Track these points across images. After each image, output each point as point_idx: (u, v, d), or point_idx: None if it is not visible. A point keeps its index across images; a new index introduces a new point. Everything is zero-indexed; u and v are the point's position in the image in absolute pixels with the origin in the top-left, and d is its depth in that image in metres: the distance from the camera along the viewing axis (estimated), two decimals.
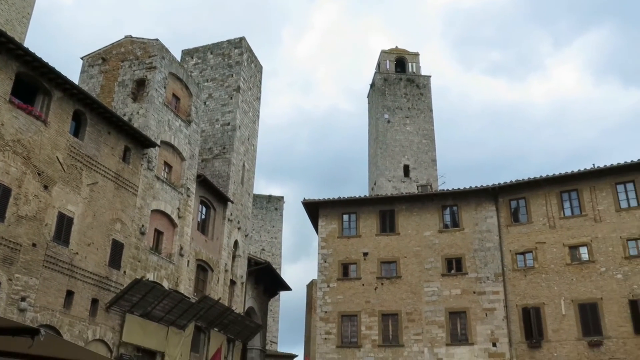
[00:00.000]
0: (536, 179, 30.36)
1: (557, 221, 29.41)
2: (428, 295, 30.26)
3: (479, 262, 30.13)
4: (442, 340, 29.26)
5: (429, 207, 32.20)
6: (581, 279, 27.89)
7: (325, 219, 33.56)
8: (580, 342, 26.88)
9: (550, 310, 27.97)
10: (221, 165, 35.29)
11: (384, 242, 32.04)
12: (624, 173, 28.75)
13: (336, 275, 31.97)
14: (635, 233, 27.53)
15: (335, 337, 30.73)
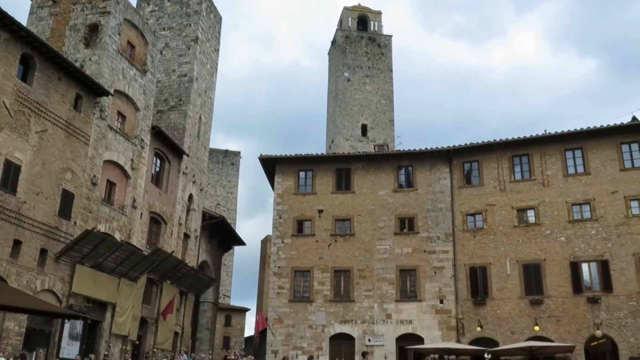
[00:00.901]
0: (489, 143, 31.01)
1: (507, 184, 30.25)
2: (380, 253, 30.90)
3: (431, 222, 30.83)
4: (391, 296, 30.07)
5: (385, 167, 32.55)
6: (527, 241, 28.96)
7: (282, 175, 33.55)
8: (522, 300, 28.10)
9: (496, 270, 29.04)
10: (177, 117, 34.63)
11: (339, 200, 32.35)
12: (572, 140, 29.64)
13: (291, 231, 32.21)
14: (579, 198, 28.63)
15: (287, 292, 31.17)
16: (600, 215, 27.99)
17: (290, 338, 30.26)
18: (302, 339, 30.15)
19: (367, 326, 29.80)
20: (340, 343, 29.87)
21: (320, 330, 30.15)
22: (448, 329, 28.98)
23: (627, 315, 26.24)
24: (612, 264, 27.13)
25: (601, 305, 26.73)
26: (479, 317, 28.58)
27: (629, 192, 27.84)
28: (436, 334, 28.93)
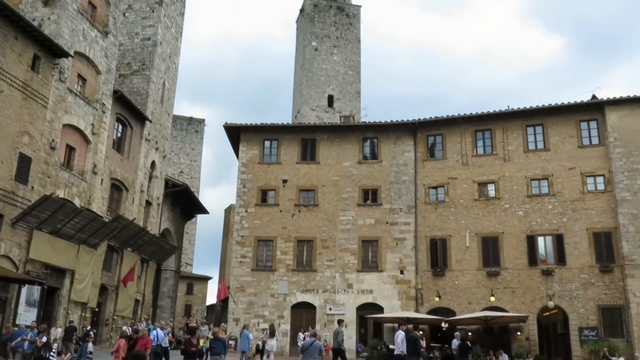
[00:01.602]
0: (453, 117, 31.34)
1: (469, 158, 30.72)
2: (343, 224, 31.16)
3: (394, 194, 31.18)
4: (353, 266, 30.48)
5: (350, 138, 32.62)
6: (486, 214, 29.61)
7: (247, 144, 33.29)
8: (480, 272, 28.86)
9: (456, 242, 29.67)
10: (140, 82, 33.83)
11: (304, 170, 32.35)
12: (534, 116, 30.21)
13: (255, 200, 32.14)
14: (538, 174, 29.32)
15: (250, 261, 31.26)
16: (558, 191, 28.76)
17: (252, 306, 30.46)
18: (264, 308, 30.40)
19: (328, 295, 30.19)
20: (301, 312, 30.23)
21: (282, 299, 30.43)
22: (407, 298, 29.60)
23: (579, 287, 27.24)
24: (567, 238, 28.03)
25: (554, 278, 27.67)
26: (437, 287, 29.26)
27: (585, 169, 28.64)
28: (396, 304, 29.53)
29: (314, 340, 11.45)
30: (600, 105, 29.13)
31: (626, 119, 28.46)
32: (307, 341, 11.43)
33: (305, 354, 11.23)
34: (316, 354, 11.25)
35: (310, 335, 11.80)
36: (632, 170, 27.64)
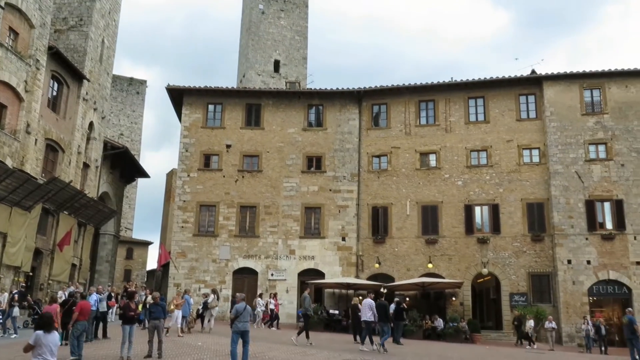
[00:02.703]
0: (398, 87, 31.64)
1: (412, 128, 31.20)
2: (287, 191, 31.19)
3: (338, 162, 31.37)
4: (296, 233, 30.67)
5: (296, 104, 32.43)
6: (427, 184, 30.29)
7: (190, 107, 32.57)
8: (419, 240, 29.63)
9: (397, 210, 30.28)
10: (77, 38, 32.31)
11: (248, 135, 32.03)
12: (476, 89, 30.87)
13: (197, 165, 31.66)
14: (478, 145, 30.13)
15: (192, 226, 30.93)
16: (495, 162, 29.69)
17: (194, 272, 30.28)
18: (205, 273, 30.28)
19: (270, 261, 30.35)
20: (243, 277, 30.31)
21: (224, 265, 30.37)
22: (348, 265, 30.13)
23: (511, 255, 28.44)
24: (502, 207, 29.09)
25: (489, 246, 28.76)
26: (378, 254, 29.89)
27: (522, 141, 29.64)
28: (337, 270, 30.02)
29: (246, 305, 11.71)
30: (539, 80, 30.06)
31: (562, 94, 29.51)
32: (240, 305, 11.65)
33: (240, 318, 11.46)
34: (247, 317, 11.57)
35: (241, 300, 12.06)
36: (565, 144, 28.79)
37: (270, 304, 25.76)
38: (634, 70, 29.14)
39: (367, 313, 17.06)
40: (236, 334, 11.43)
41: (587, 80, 29.53)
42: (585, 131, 28.84)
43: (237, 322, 11.52)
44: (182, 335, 17.43)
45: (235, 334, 11.43)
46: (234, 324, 11.53)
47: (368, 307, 17.14)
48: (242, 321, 11.52)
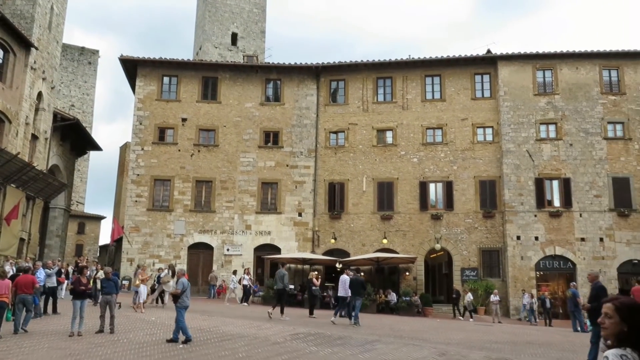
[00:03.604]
0: (356, 63, 31.62)
1: (370, 105, 31.32)
2: (243, 165, 30.97)
3: (295, 137, 31.28)
4: (252, 208, 30.57)
5: (253, 79, 32.05)
6: (383, 160, 30.57)
7: (144, 79, 31.78)
8: (374, 215, 29.99)
9: (353, 186, 30.51)
10: (24, 4, 30.89)
11: (205, 109, 31.54)
12: (433, 67, 31.15)
13: (152, 138, 31.03)
14: (433, 123, 30.53)
15: (146, 201, 30.43)
16: (450, 140, 30.17)
17: (148, 246, 29.89)
18: (159, 248, 29.93)
19: (226, 236, 30.21)
20: (198, 252, 30.11)
21: (179, 240, 30.08)
22: (304, 240, 30.29)
23: (463, 231, 29.14)
24: (456, 185, 29.68)
25: (442, 222, 29.36)
26: (334, 229, 30.13)
27: (476, 120, 30.18)
28: (293, 245, 30.14)
29: (186, 280, 11.82)
30: (494, 60, 30.54)
31: (516, 74, 30.09)
32: (185, 281, 11.69)
33: (186, 293, 11.53)
34: (189, 293, 11.70)
35: (182, 275, 12.15)
36: (517, 124, 29.47)
37: (244, 279, 25.78)
38: (584, 53, 29.93)
39: (342, 289, 17.73)
40: (184, 309, 11.41)
41: (540, 61, 30.18)
42: (537, 111, 29.57)
43: (185, 297, 11.54)
44: (143, 312, 17.23)
45: (184, 309, 11.41)
46: (180, 298, 11.49)
47: (343, 283, 17.82)
48: (187, 296, 11.62)
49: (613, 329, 2.74)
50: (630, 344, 2.65)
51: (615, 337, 2.72)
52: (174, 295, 11.80)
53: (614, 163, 28.64)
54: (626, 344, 2.66)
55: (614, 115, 29.20)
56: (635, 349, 2.63)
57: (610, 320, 2.75)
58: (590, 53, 29.92)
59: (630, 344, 2.65)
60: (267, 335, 12.56)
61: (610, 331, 2.75)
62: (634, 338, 2.67)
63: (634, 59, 29.85)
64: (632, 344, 2.65)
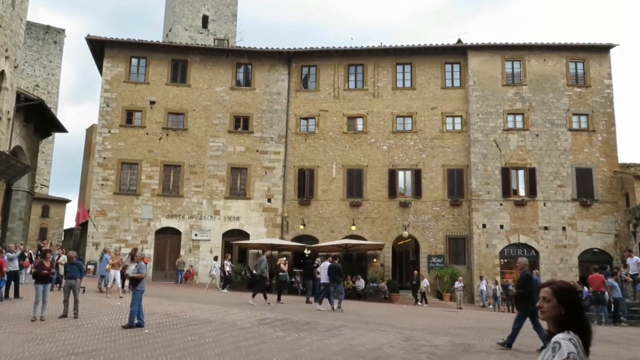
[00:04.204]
0: (328, 49, 31.53)
1: (341, 92, 31.32)
2: (213, 150, 30.71)
3: (265, 123, 31.12)
4: (221, 193, 30.38)
5: (224, 62, 31.70)
6: (353, 147, 30.67)
7: (112, 60, 31.14)
8: (343, 202, 30.12)
9: (323, 173, 30.56)
10: None
11: (174, 92, 31.10)
12: (404, 55, 31.27)
13: (119, 121, 30.50)
14: (404, 111, 30.72)
15: (113, 184, 29.97)
16: (420, 128, 30.42)
17: (114, 231, 29.49)
18: (126, 232, 29.56)
19: (194, 221, 29.99)
20: (166, 237, 29.85)
21: (146, 224, 29.74)
22: (273, 226, 30.27)
23: (431, 219, 29.50)
24: (424, 173, 29.98)
25: (410, 209, 29.67)
26: (303, 216, 30.18)
27: (446, 109, 30.47)
28: (262, 231, 30.10)
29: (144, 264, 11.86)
30: (464, 49, 30.82)
31: (485, 64, 30.44)
32: (144, 265, 11.70)
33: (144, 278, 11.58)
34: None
35: (140, 259, 12.12)
36: (486, 113, 29.86)
37: (226, 265, 25.64)
38: (552, 45, 30.42)
39: (324, 276, 18.12)
40: (141, 293, 11.33)
41: (509, 52, 30.57)
42: (505, 101, 30.00)
43: (143, 281, 11.50)
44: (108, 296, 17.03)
45: (141, 292, 11.32)
46: (140, 282, 11.39)
47: (323, 270, 18.27)
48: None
49: (551, 313, 2.81)
50: (570, 327, 2.72)
51: (554, 320, 2.78)
52: (134, 279, 11.66)
53: (577, 154, 29.31)
54: (566, 327, 2.72)
55: (579, 107, 29.82)
56: (576, 332, 2.70)
57: (549, 304, 2.81)
58: (557, 45, 30.42)
59: (569, 326, 2.72)
60: (234, 321, 12.56)
61: (549, 314, 2.82)
62: (572, 321, 2.74)
63: (599, 53, 30.48)
64: (571, 327, 2.71)
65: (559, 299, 2.79)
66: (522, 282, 10.92)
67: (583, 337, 2.70)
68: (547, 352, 2.68)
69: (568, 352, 2.59)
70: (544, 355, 2.71)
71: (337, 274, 17.91)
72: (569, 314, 2.76)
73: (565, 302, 2.78)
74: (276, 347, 9.60)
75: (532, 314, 10.17)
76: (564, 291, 2.81)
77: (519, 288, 11.02)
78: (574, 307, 2.77)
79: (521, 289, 10.75)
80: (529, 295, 10.40)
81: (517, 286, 11.29)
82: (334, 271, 17.78)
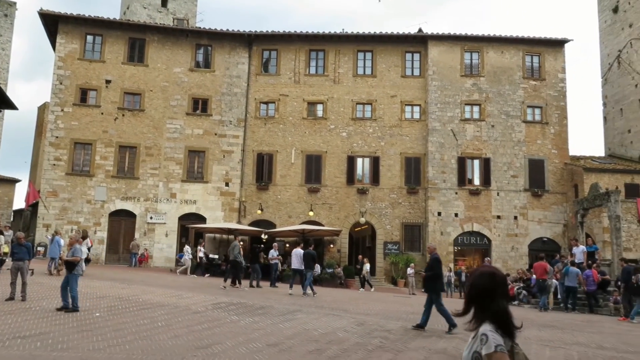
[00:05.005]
0: (290, 34, 31.30)
1: (302, 77, 31.19)
2: (170, 132, 30.19)
3: (225, 106, 30.76)
4: (178, 176, 29.95)
5: (183, 43, 31.09)
6: (313, 133, 30.65)
7: (66, 36, 30.14)
8: (302, 188, 30.14)
9: (282, 158, 30.46)
10: None
11: (130, 72, 30.36)
12: (366, 42, 31.33)
13: (73, 99, 29.62)
14: (364, 98, 30.84)
15: (65, 164, 29.15)
16: (379, 116, 30.62)
17: (66, 212, 28.74)
18: (78, 214, 28.85)
19: (150, 204, 29.51)
20: (120, 220, 29.29)
21: (100, 206, 29.10)
22: (231, 210, 30.07)
23: (388, 206, 29.84)
24: (382, 160, 30.24)
25: (368, 196, 29.92)
26: (261, 200, 30.07)
27: (405, 97, 30.75)
28: (219, 215, 29.87)
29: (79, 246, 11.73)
30: (425, 39, 31.08)
31: (445, 54, 30.79)
32: (79, 247, 11.58)
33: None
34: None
35: (74, 242, 11.98)
36: (444, 103, 30.28)
37: (200, 251, 25.29)
38: (510, 38, 31.00)
39: (296, 262, 18.67)
40: (78, 277, 11.15)
41: (468, 43, 31.01)
42: (463, 92, 30.46)
43: (79, 265, 11.33)
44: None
45: (78, 276, 11.14)
46: (76, 266, 11.15)
47: (296, 256, 18.77)
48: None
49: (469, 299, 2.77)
50: (488, 312, 2.66)
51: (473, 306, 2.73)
52: (69, 263, 11.33)
53: (530, 145, 30.06)
54: (485, 312, 2.66)
55: (533, 99, 30.54)
56: (495, 318, 2.64)
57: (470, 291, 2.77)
58: (515, 38, 31.01)
59: (488, 311, 2.66)
60: (187, 305, 12.46)
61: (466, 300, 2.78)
62: (489, 306, 2.67)
63: (555, 47, 31.23)
64: (490, 312, 2.65)
65: (473, 287, 2.74)
66: (431, 265, 11.52)
67: (502, 322, 2.63)
68: (475, 342, 2.64)
69: (495, 344, 2.55)
70: (471, 345, 2.66)
71: (312, 261, 18.51)
72: (481, 298, 2.70)
73: (480, 288, 2.72)
74: (230, 331, 9.59)
75: (437, 295, 10.91)
76: (477, 278, 2.76)
77: (428, 270, 11.53)
78: (488, 294, 2.68)
79: (430, 272, 11.32)
80: (438, 278, 11.27)
81: (427, 269, 11.81)
82: (308, 258, 18.33)
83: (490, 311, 2.66)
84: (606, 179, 28.51)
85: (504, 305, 2.68)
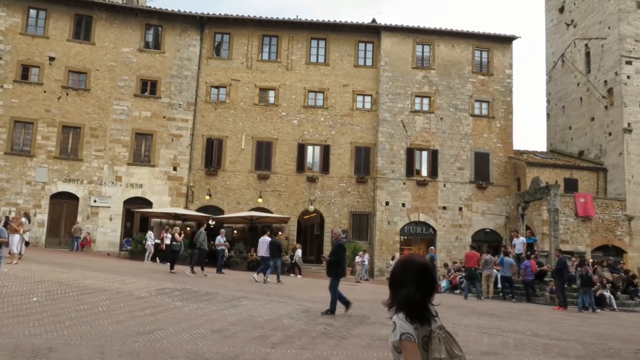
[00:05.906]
0: (243, 18, 30.90)
1: (254, 62, 30.88)
2: (117, 114, 29.39)
3: (174, 89, 30.15)
4: (124, 159, 29.23)
5: (132, 22, 30.23)
6: (264, 120, 30.45)
7: (7, 9, 28.81)
8: (251, 174, 29.95)
9: (232, 144, 30.16)
10: None
11: (76, 49, 29.33)
12: (320, 30, 31.26)
13: (13, 76, 28.40)
14: (316, 86, 30.83)
15: (4, 143, 28.00)
16: (331, 105, 30.69)
17: (4, 193, 27.65)
18: (17, 195, 27.80)
19: (94, 187, 28.72)
20: (62, 202, 28.39)
21: (41, 188, 28.12)
22: (178, 195, 29.60)
23: (337, 194, 30.04)
24: (333, 149, 30.37)
25: (318, 184, 30.03)
26: (209, 186, 29.73)
27: (357, 87, 30.91)
28: (166, 199, 29.37)
29: None
30: (378, 29, 31.28)
31: (397, 46, 31.09)
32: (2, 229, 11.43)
33: None
34: None
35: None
36: (395, 94, 30.61)
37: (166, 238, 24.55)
38: (460, 32, 31.55)
39: (262, 250, 19.36)
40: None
41: (420, 35, 31.38)
42: (414, 84, 30.86)
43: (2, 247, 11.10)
44: (16, 262, 15.90)
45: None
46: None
47: (263, 245, 19.43)
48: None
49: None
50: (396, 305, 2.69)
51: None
52: None
53: (477, 139, 30.80)
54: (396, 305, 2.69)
55: (481, 94, 31.25)
56: (403, 305, 2.65)
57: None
58: (465, 33, 31.58)
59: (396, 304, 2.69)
60: (130, 290, 12.22)
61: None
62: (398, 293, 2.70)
63: (503, 43, 31.99)
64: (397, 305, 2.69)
65: (390, 275, 2.78)
66: (334, 251, 11.86)
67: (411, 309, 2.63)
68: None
69: (401, 332, 2.57)
70: None
71: (278, 250, 19.16)
72: (392, 286, 2.73)
73: (392, 276, 2.76)
74: (173, 317, 9.47)
75: (337, 279, 11.34)
76: (393, 267, 2.80)
77: (332, 256, 11.80)
78: (399, 282, 2.70)
79: (334, 257, 11.64)
80: (340, 263, 11.64)
81: (331, 254, 12.05)
82: (274, 247, 18.95)
83: (398, 299, 2.67)
84: (547, 174, 29.56)
85: (412, 293, 2.64)
